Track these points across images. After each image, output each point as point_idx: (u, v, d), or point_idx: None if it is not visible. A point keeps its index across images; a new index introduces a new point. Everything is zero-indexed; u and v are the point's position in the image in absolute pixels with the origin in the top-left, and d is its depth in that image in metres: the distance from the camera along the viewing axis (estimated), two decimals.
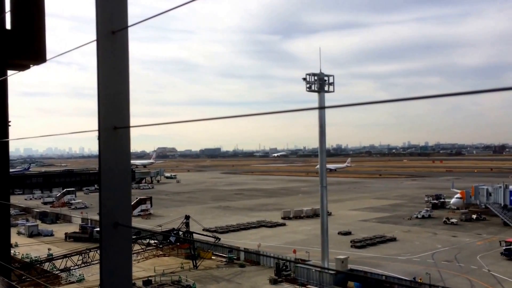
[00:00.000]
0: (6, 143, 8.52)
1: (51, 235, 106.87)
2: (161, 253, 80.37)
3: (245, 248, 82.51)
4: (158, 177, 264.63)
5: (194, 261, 77.26)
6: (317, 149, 74.41)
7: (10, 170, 9.54)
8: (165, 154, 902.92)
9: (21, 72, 7.84)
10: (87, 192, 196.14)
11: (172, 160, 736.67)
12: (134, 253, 73.71)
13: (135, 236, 77.41)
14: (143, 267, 74.98)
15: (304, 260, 72.59)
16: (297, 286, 66.92)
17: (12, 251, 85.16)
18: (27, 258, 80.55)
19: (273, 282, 67.50)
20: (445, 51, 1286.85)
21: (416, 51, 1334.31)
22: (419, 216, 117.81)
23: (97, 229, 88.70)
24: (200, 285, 67.52)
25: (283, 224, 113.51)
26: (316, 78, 68.38)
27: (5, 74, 7.85)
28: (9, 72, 7.88)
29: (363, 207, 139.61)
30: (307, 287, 66.48)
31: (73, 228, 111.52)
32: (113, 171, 3.79)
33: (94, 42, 3.79)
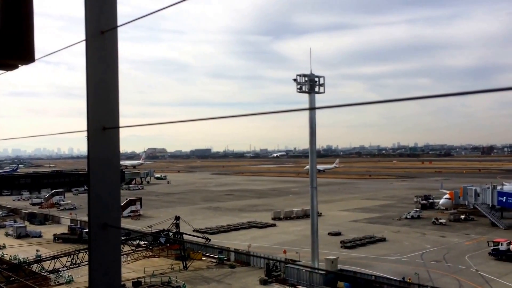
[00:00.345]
0: None
1: (40, 236, 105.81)
2: (151, 254, 79.98)
3: (235, 249, 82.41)
4: (148, 178, 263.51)
5: (184, 262, 76.99)
6: (308, 150, 74.57)
7: None
8: (155, 155, 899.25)
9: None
10: (76, 193, 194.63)
11: (162, 161, 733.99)
12: (124, 254, 73.31)
13: (124, 237, 76.95)
14: (133, 268, 74.54)
15: (294, 261, 72.73)
16: (287, 287, 67.01)
17: (0, 253, 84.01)
18: (15, 259, 79.64)
19: (263, 282, 67.51)
20: (434, 52, 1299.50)
21: (405, 53, 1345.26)
22: (409, 217, 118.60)
23: (86, 230, 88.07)
24: (190, 286, 67.29)
25: (274, 225, 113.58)
26: (306, 79, 68.53)
27: None
28: None
29: (353, 208, 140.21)
30: (297, 287, 66.60)
31: (62, 229, 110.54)
32: (102, 172, 3.77)
33: (83, 42, 3.76)
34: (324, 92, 69.30)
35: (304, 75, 68.59)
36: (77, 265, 69.54)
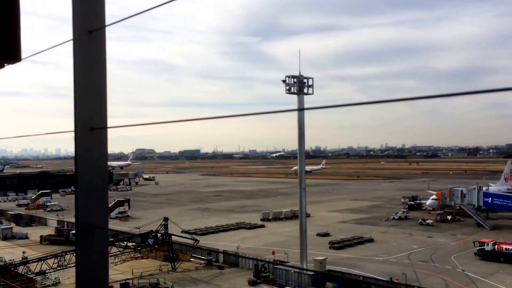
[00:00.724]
0: None
1: (26, 238, 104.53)
2: (139, 255, 79.45)
3: (224, 250, 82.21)
4: (136, 178, 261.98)
5: (173, 263, 76.67)
6: (297, 151, 74.72)
7: None
8: (144, 155, 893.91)
9: None
10: (63, 194, 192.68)
11: (151, 162, 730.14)
12: (112, 255, 72.72)
13: (112, 239, 76.37)
14: (121, 270, 73.99)
15: (282, 261, 72.82)
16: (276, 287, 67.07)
17: None
18: (1, 261, 78.58)
19: (252, 283, 67.49)
20: (421, 54, 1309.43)
21: (393, 54, 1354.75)
22: (396, 217, 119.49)
23: (74, 231, 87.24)
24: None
25: (262, 226, 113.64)
26: (295, 80, 68.68)
27: None
28: None
29: (341, 209, 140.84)
30: None
31: (49, 230, 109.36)
32: (90, 173, 3.74)
33: (71, 42, 3.73)
34: (313, 93, 69.51)
35: (293, 76, 68.72)
36: (64, 267, 68.80)
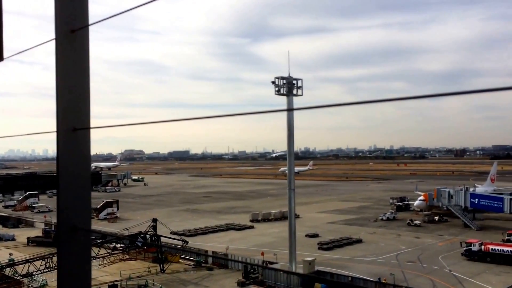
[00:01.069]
0: None
1: (13, 239, 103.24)
2: (127, 257, 78.88)
3: (213, 251, 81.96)
4: (125, 180, 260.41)
5: (161, 265, 76.27)
6: (286, 152, 74.86)
7: None
8: (133, 156, 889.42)
9: None
10: (50, 195, 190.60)
11: (140, 163, 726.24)
12: (100, 257, 72.17)
13: (100, 240, 75.75)
14: (109, 272, 73.45)
15: (271, 262, 72.86)
16: None
17: None
18: None
19: (241, 285, 67.40)
20: (409, 56, 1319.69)
21: (381, 56, 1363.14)
22: (384, 218, 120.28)
23: None
24: None
25: (252, 227, 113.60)
26: (284, 81, 68.84)
27: None
28: None
29: (330, 210, 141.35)
30: None
31: (36, 232, 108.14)
32: (72, 174, 3.69)
33: (54, 41, 3.68)
34: (302, 95, 69.72)
35: (282, 78, 68.86)
36: (51, 269, 67.98)
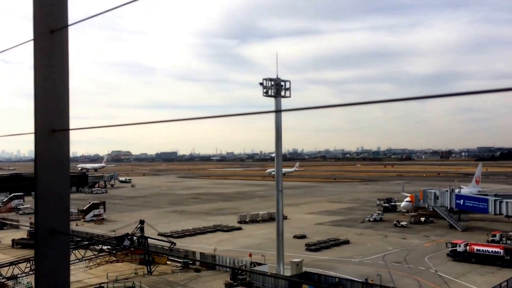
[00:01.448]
0: None
1: None
2: (114, 259, 78.22)
3: (201, 253, 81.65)
4: (112, 181, 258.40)
5: (149, 267, 75.75)
6: (274, 153, 74.92)
7: None
8: (120, 157, 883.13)
9: None
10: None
11: (127, 164, 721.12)
12: (86, 259, 71.47)
13: (87, 242, 75.02)
14: (95, 274, 72.78)
15: (259, 264, 72.84)
16: None
17: None
18: None
19: (229, 286, 67.25)
20: (395, 59, 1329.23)
21: (368, 59, 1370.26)
22: (371, 219, 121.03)
23: None
24: None
25: (240, 228, 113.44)
26: (272, 83, 68.91)
27: None
28: None
29: (318, 211, 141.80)
30: None
31: (21, 234, 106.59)
32: (50, 176, 3.62)
33: (32, 42, 3.61)
34: (290, 96, 69.86)
35: (270, 79, 68.93)
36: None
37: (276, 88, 68.72)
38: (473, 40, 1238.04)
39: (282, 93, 69.14)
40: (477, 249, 78.45)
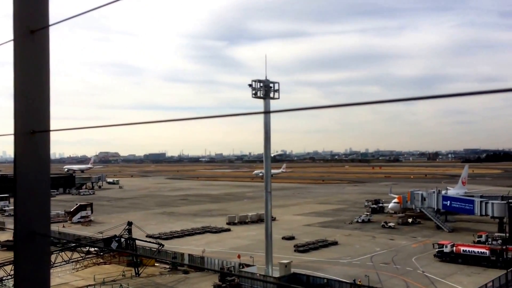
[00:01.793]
0: None
1: None
2: (101, 261, 77.56)
3: (189, 255, 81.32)
4: (99, 182, 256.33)
5: (136, 269, 75.22)
6: (262, 155, 74.93)
7: None
8: (108, 159, 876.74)
9: None
10: None
11: (115, 165, 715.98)
12: (73, 261, 70.80)
13: (74, 244, 74.29)
14: (82, 276, 72.09)
15: (248, 265, 72.75)
16: None
17: None
18: None
19: None
20: (383, 61, 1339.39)
21: (357, 61, 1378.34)
22: (359, 220, 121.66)
23: None
24: None
25: (228, 230, 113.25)
26: (261, 84, 68.96)
27: None
28: None
29: (307, 212, 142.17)
30: None
31: (7, 236, 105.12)
32: (30, 178, 3.58)
33: (12, 42, 3.56)
34: (279, 98, 69.97)
35: (259, 81, 68.96)
36: None
37: (265, 89, 68.79)
38: (459, 43, 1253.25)
39: (271, 95, 69.23)
40: (463, 250, 79.25)
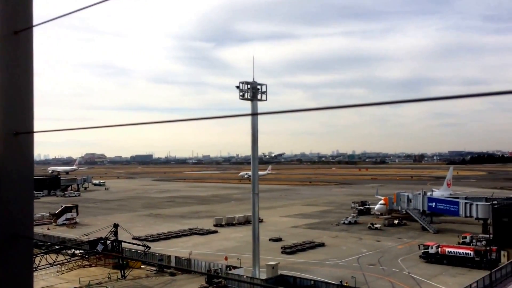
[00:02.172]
0: None
1: None
2: (87, 263, 76.75)
3: (176, 257, 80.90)
4: (85, 184, 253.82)
5: (122, 271, 74.62)
6: (250, 157, 74.94)
7: None
8: (94, 160, 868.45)
9: None
10: None
11: (101, 167, 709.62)
12: (58, 263, 69.95)
13: (59, 247, 73.41)
14: (67, 279, 71.26)
15: (235, 267, 72.65)
16: None
17: None
18: None
19: None
20: (369, 64, 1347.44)
21: (343, 63, 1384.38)
22: (346, 222, 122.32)
23: None
24: None
25: (215, 231, 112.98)
26: (249, 86, 69.01)
27: None
28: None
29: (294, 214, 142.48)
30: None
31: None
32: (13, 180, 3.54)
33: None
34: (266, 100, 70.09)
35: (247, 83, 69.01)
36: None
37: (252, 91, 68.85)
38: (444, 47, 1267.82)
39: (259, 97, 69.31)
40: (448, 251, 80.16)
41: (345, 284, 64.44)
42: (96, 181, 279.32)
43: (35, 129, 3.62)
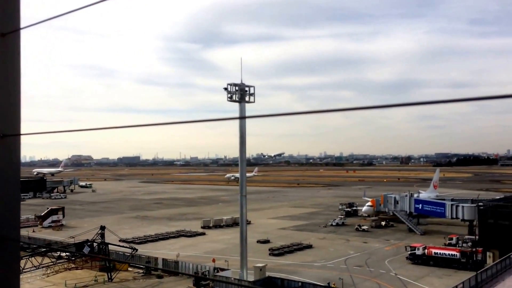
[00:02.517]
0: None
1: None
2: (73, 266, 75.96)
3: (163, 259, 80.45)
4: (72, 186, 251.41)
5: (109, 274, 73.97)
6: (238, 158, 74.90)
7: None
8: (80, 162, 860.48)
9: None
10: None
11: (88, 169, 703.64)
12: (44, 266, 69.10)
13: (44, 249, 72.55)
14: (53, 282, 70.44)
15: (222, 269, 72.50)
16: None
17: None
18: None
19: None
20: (357, 66, 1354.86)
21: (330, 66, 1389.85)
22: (334, 224, 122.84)
23: None
24: None
25: (203, 233, 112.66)
26: (237, 88, 69.01)
27: None
28: None
29: (282, 216, 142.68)
30: None
31: None
32: (0, 182, 3.52)
33: None
34: (254, 102, 70.14)
35: (235, 84, 68.99)
36: None
37: (240, 93, 68.86)
38: (431, 50, 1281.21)
39: (247, 98, 69.31)
40: (434, 252, 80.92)
41: (333, 286, 64.68)
42: (83, 183, 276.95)
43: (22, 131, 3.61)
